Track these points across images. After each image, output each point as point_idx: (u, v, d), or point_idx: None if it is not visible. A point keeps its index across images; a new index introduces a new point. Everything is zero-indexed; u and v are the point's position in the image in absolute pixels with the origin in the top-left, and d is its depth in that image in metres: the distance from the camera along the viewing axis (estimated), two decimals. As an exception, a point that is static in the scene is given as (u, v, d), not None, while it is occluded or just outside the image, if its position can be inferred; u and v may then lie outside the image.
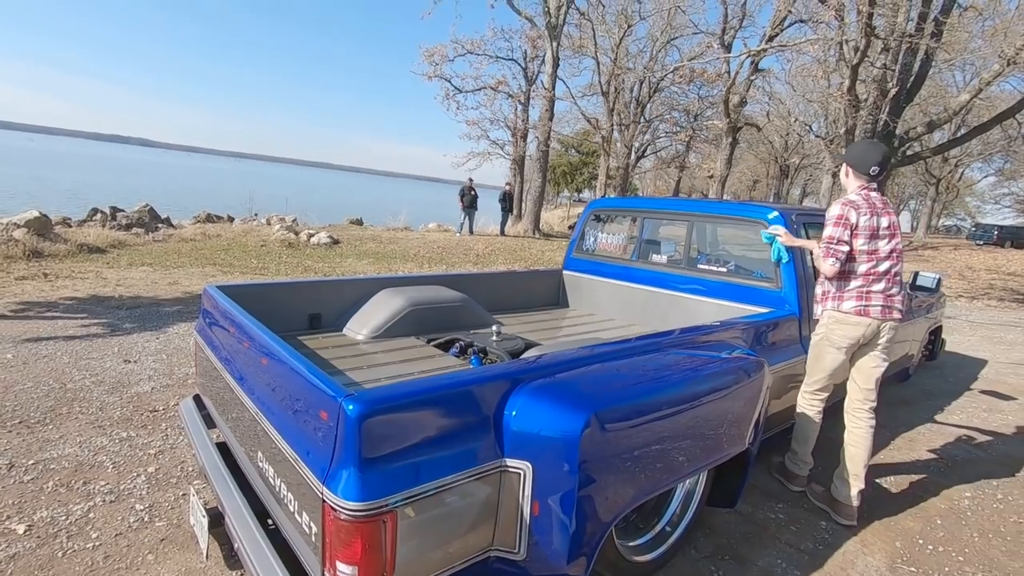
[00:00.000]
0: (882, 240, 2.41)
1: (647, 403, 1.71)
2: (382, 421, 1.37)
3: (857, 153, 2.48)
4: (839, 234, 2.40)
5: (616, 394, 1.68)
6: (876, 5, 7.59)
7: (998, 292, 12.16)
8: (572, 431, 1.50)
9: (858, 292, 2.42)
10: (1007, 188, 41.40)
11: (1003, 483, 2.96)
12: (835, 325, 2.48)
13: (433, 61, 17.37)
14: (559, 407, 1.56)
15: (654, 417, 1.72)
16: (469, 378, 1.55)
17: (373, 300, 3.09)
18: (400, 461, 1.39)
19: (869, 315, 2.40)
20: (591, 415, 1.53)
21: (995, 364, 5.58)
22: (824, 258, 2.44)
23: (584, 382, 1.71)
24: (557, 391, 1.62)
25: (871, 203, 2.43)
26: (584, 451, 1.51)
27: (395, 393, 1.43)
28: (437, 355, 2.73)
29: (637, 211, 3.93)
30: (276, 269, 8.35)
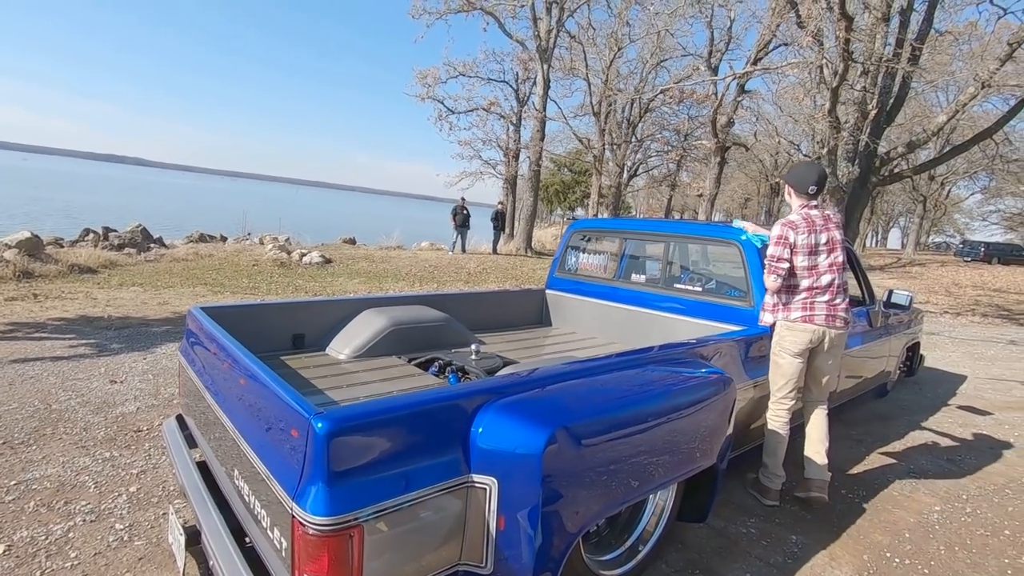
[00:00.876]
0: (821, 255, 2.65)
1: (611, 420, 1.78)
2: (350, 438, 1.43)
3: (797, 174, 2.72)
4: (779, 252, 2.65)
5: (579, 411, 1.75)
6: (852, 31, 7.83)
7: (983, 308, 12.33)
8: (535, 447, 1.56)
9: (803, 303, 2.67)
10: (993, 205, 42.11)
11: (972, 497, 3.03)
12: (785, 333, 2.71)
13: (426, 83, 17.65)
14: (523, 424, 1.62)
15: (618, 433, 1.78)
16: (436, 396, 1.62)
17: (356, 320, 3.16)
18: (368, 477, 1.44)
19: (814, 322, 2.65)
20: (553, 432, 1.60)
21: (974, 380, 5.68)
22: (767, 275, 2.71)
23: (549, 400, 1.78)
24: (522, 409, 1.69)
25: (810, 221, 2.66)
26: (547, 467, 1.57)
27: (363, 411, 1.49)
28: (417, 374, 2.79)
29: (616, 232, 4.04)
30: (267, 289, 8.40)
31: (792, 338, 2.68)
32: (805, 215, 2.68)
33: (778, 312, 2.75)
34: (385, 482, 1.45)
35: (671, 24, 18.60)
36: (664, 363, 2.26)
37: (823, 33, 8.51)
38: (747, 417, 2.82)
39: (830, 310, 2.65)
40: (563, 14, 16.79)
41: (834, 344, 2.72)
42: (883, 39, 9.27)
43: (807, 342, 2.66)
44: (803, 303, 2.66)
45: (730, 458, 2.78)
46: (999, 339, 8.49)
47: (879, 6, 8.94)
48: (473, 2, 16.63)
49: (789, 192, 2.78)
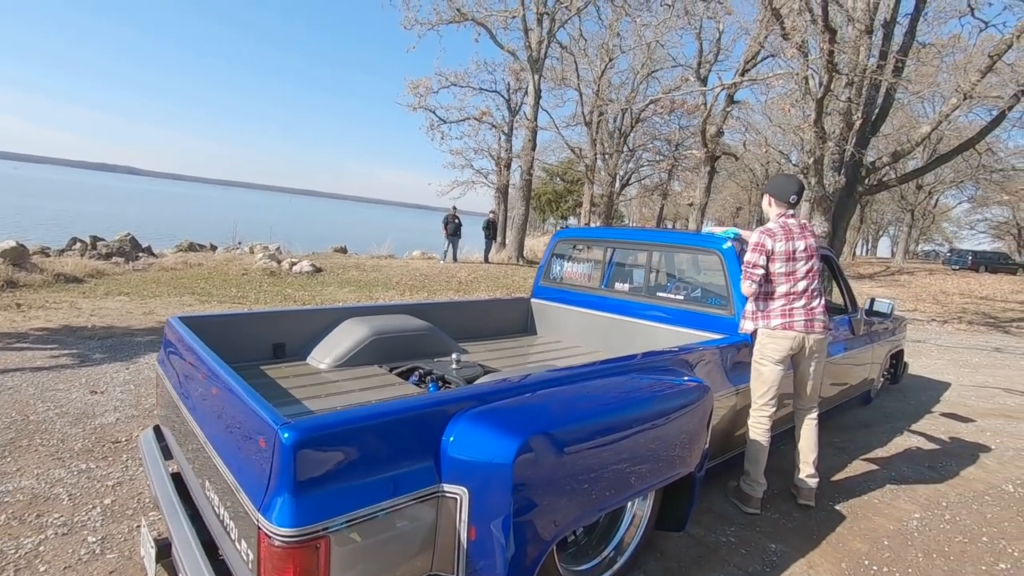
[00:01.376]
0: (799, 262, 2.72)
1: (584, 428, 1.78)
2: (318, 448, 1.43)
3: (777, 184, 2.83)
4: (755, 259, 2.72)
5: (552, 420, 1.75)
6: (836, 43, 7.95)
7: (970, 316, 12.45)
8: (505, 457, 1.56)
9: (782, 310, 2.73)
10: (980, 214, 42.68)
11: (952, 504, 3.04)
12: (767, 340, 2.75)
13: (418, 93, 17.74)
14: (494, 433, 1.62)
15: (591, 442, 1.78)
16: (405, 406, 1.61)
17: (337, 329, 3.15)
18: (335, 487, 1.44)
19: (793, 328, 2.70)
20: (525, 441, 1.60)
21: (958, 387, 5.72)
22: (743, 280, 2.77)
23: (522, 409, 1.78)
24: (494, 417, 1.69)
25: (787, 229, 2.73)
26: (518, 476, 1.57)
27: (331, 421, 1.48)
28: (397, 383, 2.79)
29: (600, 241, 4.06)
30: (255, 298, 8.36)
31: (773, 345, 2.72)
32: (783, 224, 2.75)
33: (758, 320, 2.80)
34: (353, 492, 1.45)
35: (661, 36, 18.85)
36: (640, 371, 2.27)
37: (808, 45, 8.63)
38: (727, 425, 2.83)
39: (808, 315, 2.71)
40: (554, 25, 16.96)
41: (815, 349, 2.79)
42: (867, 51, 9.41)
43: (788, 349, 2.71)
44: (782, 310, 2.72)
45: (711, 466, 2.80)
46: (984, 346, 8.57)
47: (863, 19, 9.09)
48: (465, 13, 16.76)
49: (769, 202, 2.85)
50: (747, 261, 2.74)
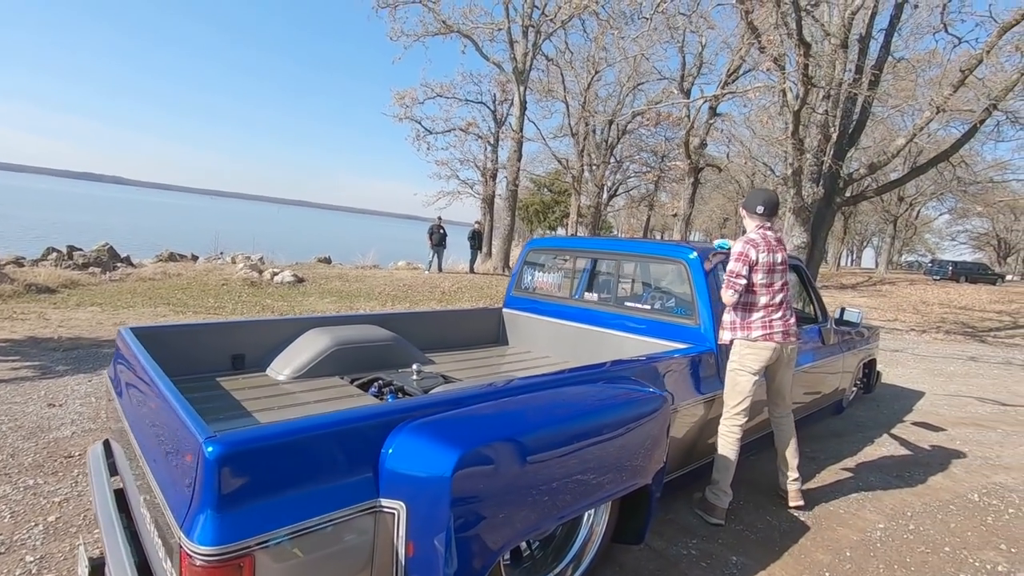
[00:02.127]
0: (776, 274, 2.78)
1: (530, 440, 1.75)
2: (243, 463, 1.38)
3: (749, 197, 2.94)
4: (739, 269, 2.73)
5: (496, 431, 1.71)
6: (811, 57, 8.08)
7: (948, 325, 12.60)
8: (444, 470, 1.52)
9: (762, 322, 2.77)
10: (961, 226, 43.47)
11: (917, 513, 3.03)
12: (747, 351, 2.78)
13: (404, 103, 17.77)
14: (433, 445, 1.58)
15: (538, 454, 1.75)
16: (339, 419, 1.57)
17: (299, 340, 3.10)
18: (263, 503, 1.39)
19: (773, 340, 2.75)
20: (465, 453, 1.56)
21: (931, 396, 5.76)
22: (725, 289, 2.78)
23: (466, 420, 1.74)
24: (435, 429, 1.65)
25: (767, 241, 2.79)
26: (457, 490, 1.53)
27: (259, 435, 1.44)
28: (356, 395, 2.74)
29: (570, 250, 4.05)
30: (231, 308, 8.25)
31: (754, 356, 2.75)
32: (763, 235, 2.79)
33: (737, 330, 2.80)
34: (282, 508, 1.40)
35: (646, 49, 19.08)
36: (595, 381, 2.24)
37: (785, 58, 8.77)
38: (691, 436, 2.81)
39: (785, 326, 2.78)
40: (539, 38, 17.11)
41: (790, 358, 2.90)
42: (843, 65, 9.58)
43: (767, 359, 2.75)
44: (762, 321, 2.76)
45: (674, 478, 2.78)
46: (960, 356, 8.66)
47: (838, 33, 9.26)
48: (450, 25, 16.86)
49: (744, 215, 2.94)
50: (730, 270, 2.74)
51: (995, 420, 5.04)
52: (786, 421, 3.00)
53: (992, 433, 4.63)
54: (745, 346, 2.77)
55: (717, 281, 3.20)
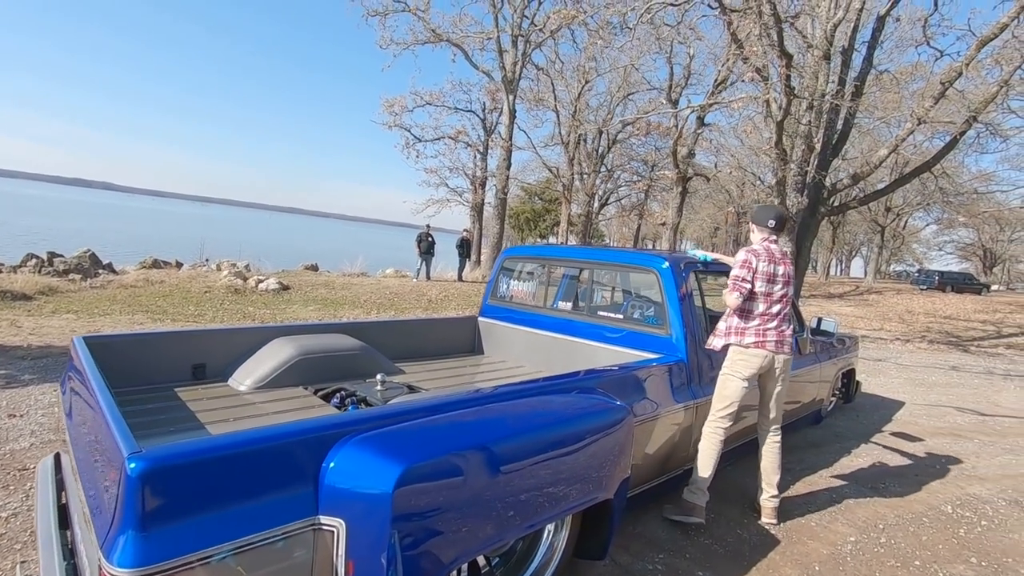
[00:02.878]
0: (777, 285, 2.84)
1: (480, 453, 1.70)
2: (170, 480, 1.32)
3: (758, 212, 3.00)
4: (743, 274, 2.81)
5: (444, 444, 1.66)
6: (794, 68, 8.15)
7: (933, 335, 12.68)
8: (384, 486, 1.47)
9: (756, 330, 2.82)
10: (947, 236, 43.98)
11: (889, 526, 3.00)
12: (739, 357, 2.83)
13: (393, 111, 17.79)
14: (375, 460, 1.53)
15: (488, 468, 1.70)
16: (278, 432, 1.52)
17: (263, 349, 3.04)
18: (191, 522, 1.33)
19: (765, 347, 2.80)
20: (408, 468, 1.51)
21: (911, 406, 5.76)
22: (730, 292, 2.83)
23: (414, 433, 1.69)
24: (379, 443, 1.60)
25: (770, 252, 2.87)
26: (399, 507, 1.47)
27: (189, 449, 1.38)
28: (318, 405, 2.68)
29: (544, 259, 4.02)
30: (212, 315, 8.15)
31: (745, 362, 2.80)
32: (766, 247, 2.88)
33: (731, 337, 2.86)
34: (211, 528, 1.34)
35: (636, 60, 19.23)
36: (555, 393, 2.20)
37: (768, 69, 8.84)
38: (658, 448, 2.77)
39: (779, 337, 2.83)
40: (528, 47, 17.22)
41: (783, 369, 2.90)
42: (826, 77, 9.67)
43: (758, 367, 2.80)
44: (756, 329, 2.81)
45: (641, 491, 2.73)
46: (942, 365, 8.69)
47: (821, 45, 9.35)
48: (440, 34, 16.94)
49: (752, 228, 3.00)
50: (735, 276, 2.81)
51: (973, 430, 5.04)
52: (774, 435, 2.99)
53: (969, 443, 4.63)
54: (737, 352, 2.83)
55: (689, 291, 3.19)
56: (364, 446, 1.58)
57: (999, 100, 10.31)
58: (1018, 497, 3.54)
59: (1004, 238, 40.55)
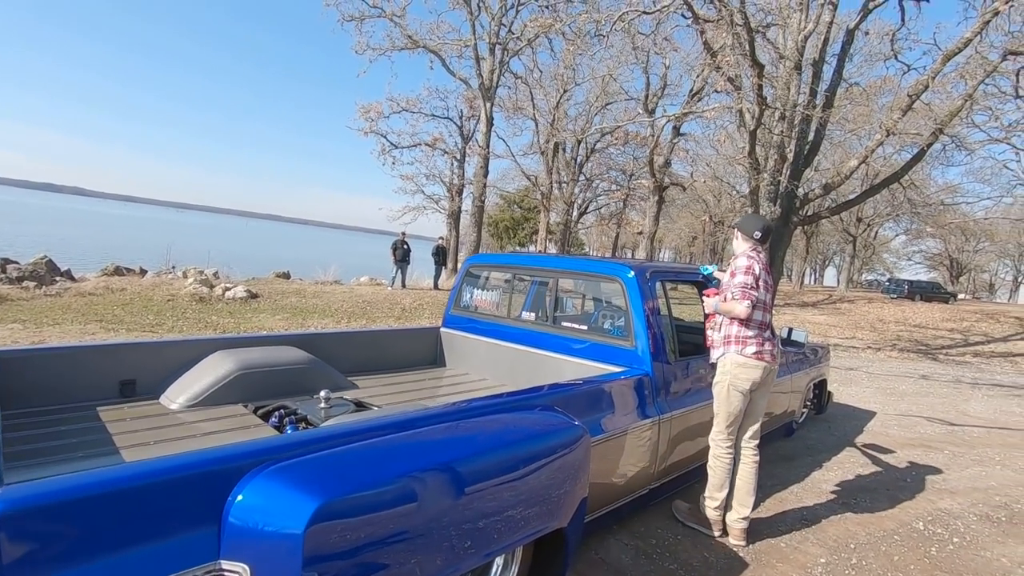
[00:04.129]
0: (768, 294, 2.78)
1: (412, 483, 1.52)
2: (36, 523, 1.13)
3: (745, 220, 2.90)
4: (750, 281, 2.68)
5: (373, 474, 1.49)
6: (765, 78, 8.19)
7: (903, 343, 12.85)
8: (295, 524, 1.29)
9: (756, 339, 2.71)
10: (916, 246, 45.16)
11: (860, 546, 2.90)
12: (739, 370, 2.71)
13: (369, 117, 17.56)
14: (288, 494, 1.35)
15: (422, 500, 1.53)
16: (168, 465, 1.33)
17: (201, 364, 2.82)
18: (66, 572, 1.14)
19: (764, 359, 2.71)
20: (323, 503, 1.33)
21: (883, 416, 5.73)
22: (741, 300, 2.66)
23: (338, 460, 1.52)
24: (295, 473, 1.42)
25: (762, 261, 2.78)
26: (313, 548, 1.29)
27: (62, 487, 1.19)
28: (254, 425, 2.48)
29: (508, 267, 3.87)
30: (171, 325, 7.82)
31: (746, 375, 2.70)
32: (757, 255, 2.78)
33: (731, 345, 2.74)
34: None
35: (613, 70, 19.35)
36: (508, 411, 2.04)
37: (740, 78, 8.89)
38: (620, 468, 2.62)
39: (772, 348, 2.77)
40: (506, 55, 17.18)
41: (770, 380, 2.84)
42: (797, 88, 9.78)
43: (757, 378, 2.71)
44: (756, 339, 2.70)
45: (603, 514, 2.58)
46: (912, 374, 8.76)
47: (792, 56, 9.45)
48: (417, 41, 16.81)
49: (737, 236, 2.88)
50: (743, 283, 2.67)
51: (943, 441, 5.01)
52: (753, 452, 2.85)
53: (939, 455, 4.59)
54: (738, 363, 2.70)
55: (656, 301, 3.06)
56: (277, 477, 1.40)
57: (964, 113, 10.55)
58: (988, 511, 3.48)
59: (969, 248, 41.76)
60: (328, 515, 1.32)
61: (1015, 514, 3.48)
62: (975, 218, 32.63)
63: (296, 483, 1.38)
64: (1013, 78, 13.54)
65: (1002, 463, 4.52)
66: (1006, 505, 3.61)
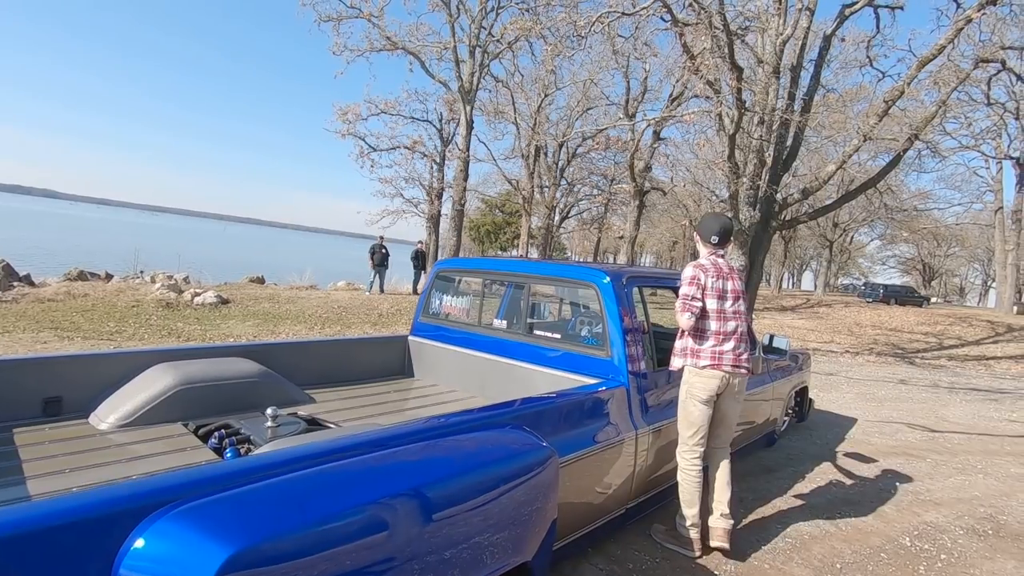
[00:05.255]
0: (727, 301, 2.69)
1: (354, 520, 1.32)
2: None
3: (702, 224, 2.82)
4: (692, 292, 2.65)
5: (301, 512, 1.28)
6: (745, 82, 8.15)
7: (880, 347, 12.95)
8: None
9: (712, 351, 2.66)
10: (890, 251, 46.14)
11: (847, 565, 2.76)
12: (695, 379, 2.68)
13: (347, 119, 17.26)
14: (194, 541, 1.14)
15: (364, 538, 1.33)
16: (53, 507, 1.11)
17: (137, 379, 2.58)
18: None
19: (721, 368, 2.65)
20: (235, 553, 1.12)
21: (863, 423, 5.65)
22: (681, 312, 2.66)
23: (262, 496, 1.30)
24: (207, 514, 1.21)
25: (718, 267, 2.72)
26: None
27: None
28: (191, 447, 2.24)
29: (479, 272, 3.68)
30: (131, 333, 7.46)
31: (701, 384, 2.67)
32: (713, 261, 2.74)
33: (687, 357, 2.71)
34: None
35: (595, 75, 19.33)
36: (470, 431, 1.85)
37: (719, 82, 8.85)
38: (594, 489, 2.44)
39: (735, 359, 2.68)
40: (486, 58, 17.02)
41: (738, 389, 2.78)
42: (776, 92, 9.77)
43: (715, 388, 2.66)
44: (712, 351, 2.66)
45: (576, 539, 2.39)
46: (891, 378, 8.76)
47: (770, 60, 9.45)
48: (396, 42, 16.56)
49: (697, 240, 2.85)
50: (684, 294, 2.66)
51: (925, 448, 4.94)
52: (722, 453, 2.83)
53: (922, 463, 4.50)
54: (693, 374, 2.68)
55: (634, 308, 2.90)
56: (186, 519, 1.19)
57: (938, 120, 10.68)
58: (974, 524, 3.38)
59: (941, 253, 42.75)
60: (242, 565, 1.12)
61: (1001, 526, 3.38)
62: (947, 223, 33.41)
63: (206, 526, 1.17)
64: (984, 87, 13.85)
65: (984, 471, 4.45)
66: (991, 517, 3.51)
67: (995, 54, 10.43)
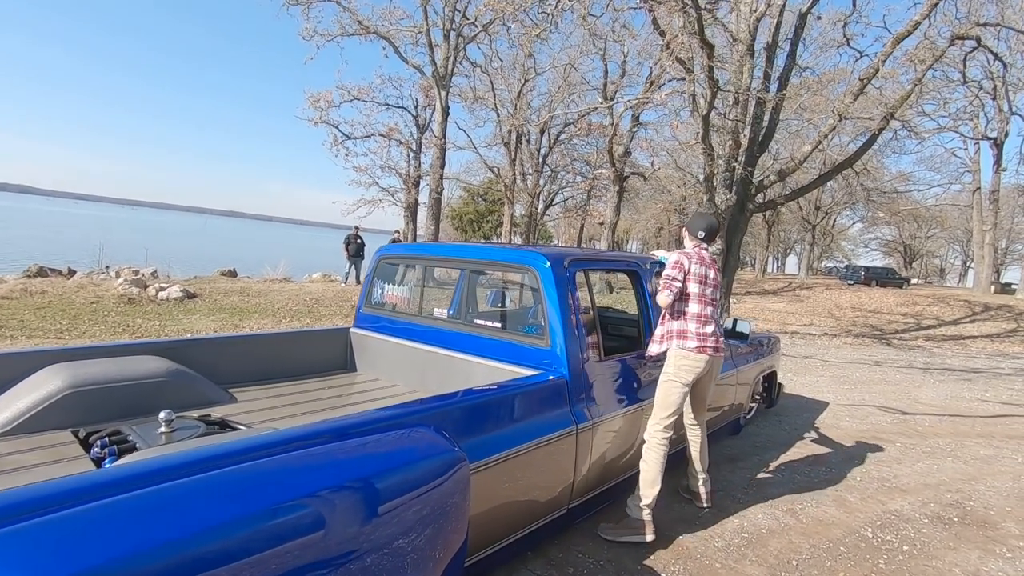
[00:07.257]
0: (708, 287, 2.84)
1: (206, 546, 1.11)
2: None
3: (692, 220, 3.02)
4: (675, 274, 2.78)
5: (130, 542, 1.06)
6: (715, 60, 7.94)
7: (859, 329, 12.95)
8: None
9: (697, 334, 2.78)
10: (872, 233, 46.53)
11: (803, 561, 2.61)
12: (683, 362, 2.76)
13: (319, 106, 16.79)
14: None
15: (223, 566, 1.12)
16: None
17: (25, 381, 2.33)
18: None
19: (706, 352, 2.77)
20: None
21: (835, 407, 5.55)
22: (661, 291, 2.79)
23: (87, 520, 1.08)
24: (11, 544, 0.99)
25: (701, 256, 2.88)
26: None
27: None
28: (69, 458, 2.01)
29: (419, 258, 3.46)
30: (84, 330, 7.15)
31: (689, 366, 2.75)
32: (697, 252, 2.90)
33: (673, 339, 2.80)
34: None
35: (575, 59, 19.00)
36: (365, 435, 1.64)
37: (692, 61, 8.64)
38: (531, 490, 2.25)
39: (716, 341, 2.83)
40: (460, 41, 16.63)
41: (716, 371, 2.97)
42: (750, 72, 9.58)
43: (699, 371, 2.77)
44: (697, 333, 2.77)
45: (507, 544, 2.21)
46: (866, 360, 8.71)
47: (745, 39, 9.24)
48: (368, 26, 16.10)
49: (684, 235, 3.02)
50: (667, 275, 2.78)
51: (895, 432, 4.84)
52: (699, 427, 3.05)
53: (891, 447, 4.39)
54: (681, 356, 2.76)
55: (576, 294, 2.70)
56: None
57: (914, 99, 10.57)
58: (940, 511, 3.26)
59: (921, 235, 43.20)
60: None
61: (967, 513, 3.26)
62: (926, 205, 33.65)
63: (11, 560, 0.95)
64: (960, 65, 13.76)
65: (953, 454, 4.35)
66: (958, 503, 3.40)
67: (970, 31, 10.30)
